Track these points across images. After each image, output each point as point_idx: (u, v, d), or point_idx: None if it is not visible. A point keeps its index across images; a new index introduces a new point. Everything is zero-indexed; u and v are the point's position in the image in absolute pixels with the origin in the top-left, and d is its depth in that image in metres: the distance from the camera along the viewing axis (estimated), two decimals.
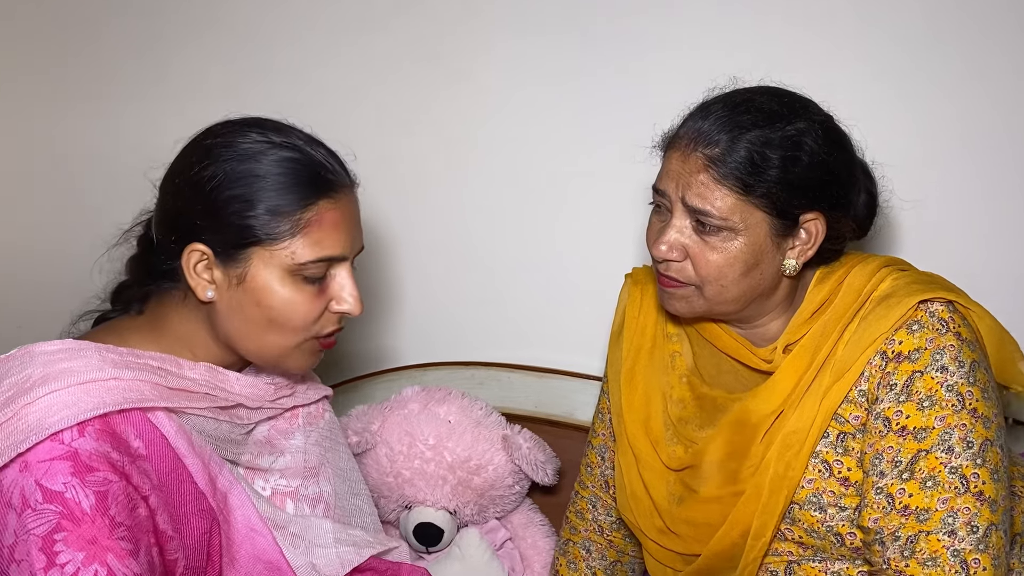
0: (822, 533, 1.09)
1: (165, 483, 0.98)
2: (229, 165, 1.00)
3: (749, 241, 1.07)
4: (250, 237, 1.00)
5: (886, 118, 1.39)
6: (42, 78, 1.90)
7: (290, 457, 1.17)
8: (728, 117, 1.06)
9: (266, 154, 1.01)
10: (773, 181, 1.04)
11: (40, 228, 1.97)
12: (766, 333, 1.16)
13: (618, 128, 1.55)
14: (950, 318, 1.06)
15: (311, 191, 1.01)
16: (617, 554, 1.37)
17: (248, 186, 1.00)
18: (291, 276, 1.01)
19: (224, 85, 1.76)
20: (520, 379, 1.66)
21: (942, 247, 1.41)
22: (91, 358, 0.97)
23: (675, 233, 1.09)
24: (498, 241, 1.69)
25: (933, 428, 1.03)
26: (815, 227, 1.09)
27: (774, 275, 1.10)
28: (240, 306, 1.02)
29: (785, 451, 1.09)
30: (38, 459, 0.90)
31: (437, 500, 1.52)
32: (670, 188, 1.09)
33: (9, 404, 0.92)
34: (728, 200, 1.05)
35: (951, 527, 1.01)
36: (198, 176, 1.01)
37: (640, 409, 1.24)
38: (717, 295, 1.10)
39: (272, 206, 0.99)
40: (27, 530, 0.89)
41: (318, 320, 1.04)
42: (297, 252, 1.00)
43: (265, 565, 1.05)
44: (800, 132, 1.05)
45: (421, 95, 1.68)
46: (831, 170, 1.07)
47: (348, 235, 1.04)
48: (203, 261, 1.01)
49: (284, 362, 1.06)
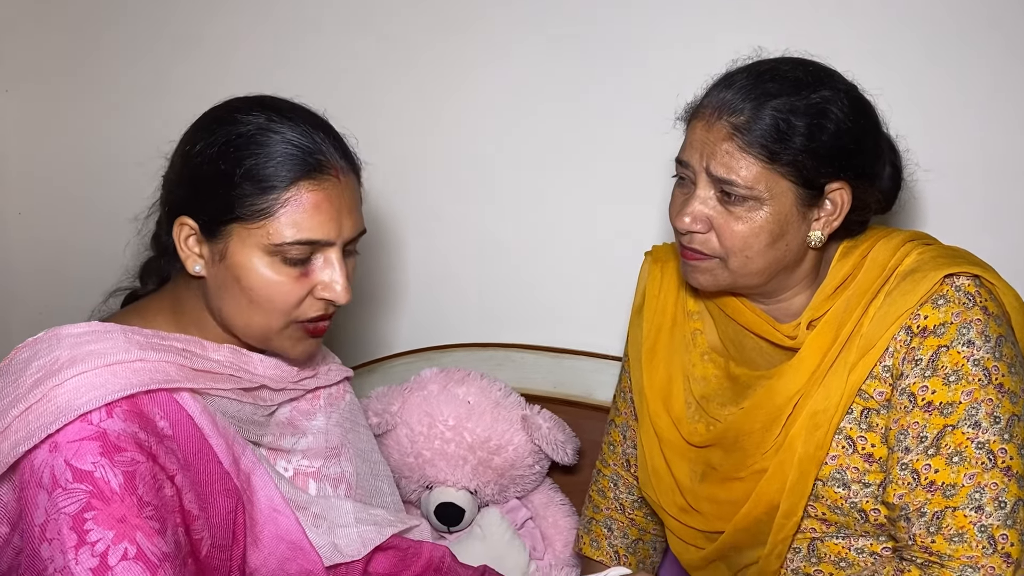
0: (846, 510, 1.09)
1: (191, 463, 0.99)
2: (219, 140, 1.00)
3: (775, 211, 1.06)
4: (229, 213, 1.00)
5: (909, 89, 1.38)
6: (63, 77, 1.91)
7: (312, 438, 1.18)
8: (753, 85, 1.05)
9: (261, 133, 1.01)
10: (799, 149, 1.03)
11: (59, 222, 1.99)
12: (790, 308, 1.15)
13: (637, 106, 1.54)
14: (976, 292, 1.05)
15: (294, 172, 1.00)
16: (639, 532, 1.37)
17: (233, 162, 0.99)
18: (270, 256, 1.00)
19: (245, 72, 1.77)
20: (538, 360, 1.66)
21: (966, 221, 1.40)
22: (117, 340, 0.98)
23: (699, 204, 1.08)
24: (516, 222, 1.69)
25: (959, 403, 1.02)
26: (841, 197, 1.07)
27: (799, 247, 1.09)
28: (223, 283, 1.02)
29: (814, 431, 1.08)
30: (67, 439, 0.91)
31: (458, 480, 1.52)
32: (694, 159, 1.08)
33: (38, 386, 0.93)
34: (754, 169, 1.04)
35: (978, 503, 1.01)
36: (190, 151, 1.02)
37: (661, 387, 1.23)
38: (742, 267, 1.08)
39: (254, 184, 0.99)
40: (58, 509, 0.90)
41: (300, 304, 1.03)
42: (273, 232, 0.99)
43: (288, 545, 1.06)
44: (825, 100, 1.04)
45: (439, 76, 1.67)
46: (857, 138, 1.06)
47: (333, 219, 1.01)
48: (192, 235, 1.03)
49: (271, 344, 1.07)
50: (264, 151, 1.00)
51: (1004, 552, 0.99)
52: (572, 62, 1.59)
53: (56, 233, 1.99)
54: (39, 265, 2.02)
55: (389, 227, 1.75)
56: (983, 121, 1.40)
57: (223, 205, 1.00)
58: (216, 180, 1.00)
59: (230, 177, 0.99)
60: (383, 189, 1.74)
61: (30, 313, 2.01)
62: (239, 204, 1.00)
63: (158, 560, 0.91)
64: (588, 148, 1.61)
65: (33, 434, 0.91)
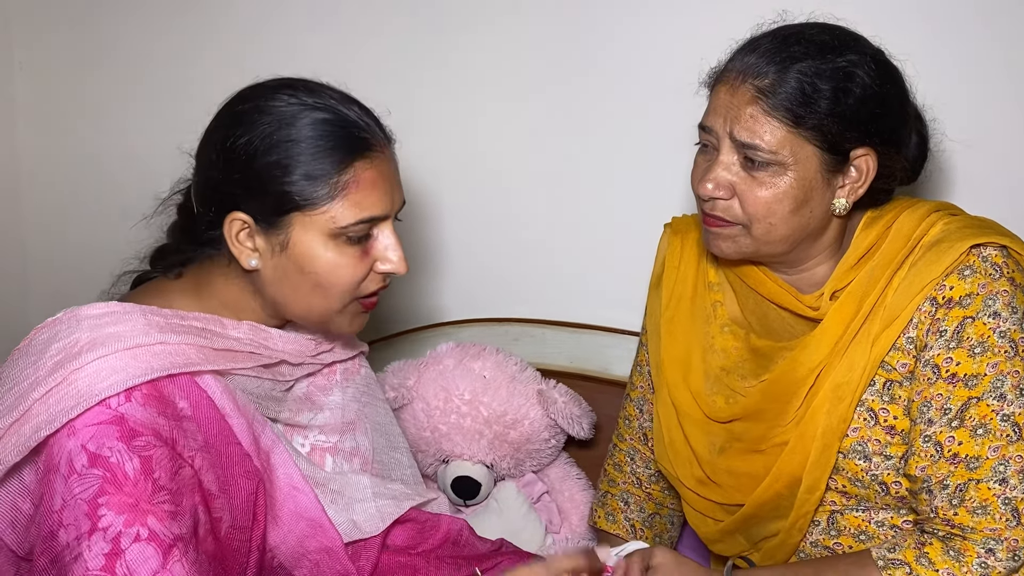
0: (866, 482, 1.08)
1: (211, 444, 0.99)
2: (263, 131, 0.99)
3: (799, 177, 1.04)
4: (289, 204, 0.99)
5: (936, 57, 1.35)
6: (80, 65, 1.91)
7: (328, 413, 1.18)
8: (778, 49, 1.04)
9: (299, 117, 1.00)
10: (824, 113, 1.02)
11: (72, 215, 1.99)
12: (812, 278, 1.14)
13: (658, 76, 1.52)
14: (1004, 263, 1.04)
15: (347, 153, 1.00)
16: (656, 506, 1.37)
17: (284, 152, 0.99)
18: (334, 239, 1.00)
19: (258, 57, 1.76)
20: (555, 335, 1.66)
21: (994, 192, 1.38)
22: (137, 322, 0.97)
23: (722, 170, 1.07)
24: (532, 198, 1.68)
25: (984, 375, 1.01)
26: (866, 163, 1.06)
27: (823, 214, 1.08)
28: (285, 273, 1.02)
29: (837, 404, 1.07)
30: (85, 424, 0.91)
31: (474, 454, 1.52)
32: (717, 124, 1.07)
33: (58, 369, 0.93)
34: (778, 133, 1.03)
35: (1002, 475, 1.00)
36: (232, 145, 1.00)
37: (680, 359, 1.23)
38: (765, 234, 1.07)
39: (309, 171, 0.98)
40: (73, 495, 0.90)
41: (363, 281, 1.04)
42: (337, 215, 0.99)
43: (308, 523, 1.06)
44: (852, 64, 1.03)
45: (459, 49, 1.66)
46: (883, 103, 1.05)
47: (387, 193, 1.03)
48: (244, 230, 1.01)
49: (330, 325, 1.07)
50: (312, 135, 0.99)
51: None
52: (594, 29, 1.57)
53: (71, 212, 1.99)
54: (54, 244, 2.02)
55: (408, 204, 1.73)
56: (1014, 90, 1.37)
57: (281, 198, 0.99)
58: (270, 173, 0.99)
59: (285, 168, 0.98)
60: (401, 166, 1.73)
61: (44, 293, 2.01)
62: (299, 194, 0.99)
63: (171, 541, 0.91)
64: (607, 120, 1.60)
65: (54, 419, 0.91)
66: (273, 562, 1.07)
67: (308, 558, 1.07)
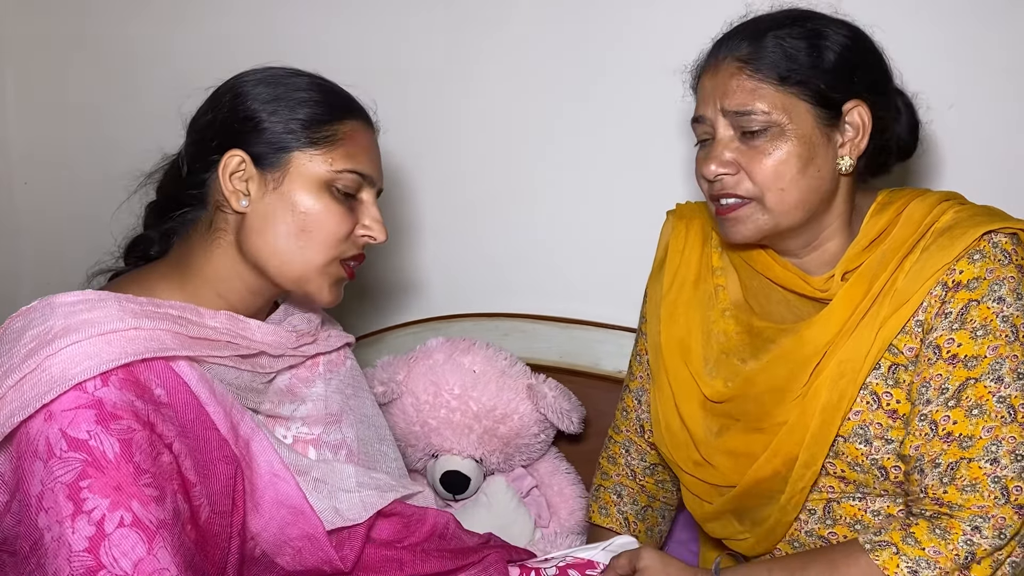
0: (866, 467, 1.09)
1: (188, 430, 0.98)
2: (269, 78, 1.08)
3: (798, 136, 1.06)
4: (291, 140, 1.04)
5: (927, 49, 1.37)
6: (67, 47, 1.90)
7: (311, 405, 1.18)
8: (747, 27, 1.10)
9: (303, 76, 1.09)
10: (808, 66, 1.06)
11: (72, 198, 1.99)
12: (822, 256, 1.14)
13: (649, 81, 1.53)
14: (1013, 250, 1.05)
15: (346, 110, 1.09)
16: (648, 499, 1.37)
17: (290, 96, 1.06)
18: (326, 189, 1.05)
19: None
20: (545, 330, 1.66)
21: (983, 176, 1.39)
22: (111, 308, 0.97)
23: (722, 148, 1.09)
24: (525, 193, 1.68)
25: (984, 357, 1.02)
26: (860, 116, 1.08)
27: (831, 174, 1.09)
28: (274, 213, 1.04)
29: (839, 379, 1.08)
30: (62, 408, 0.91)
31: (463, 449, 1.52)
32: (708, 109, 1.10)
33: (32, 355, 0.92)
34: (767, 95, 1.06)
35: (994, 455, 1.01)
36: (239, 89, 1.06)
37: (680, 341, 1.23)
38: (779, 202, 1.08)
39: (313, 114, 1.06)
40: (54, 478, 0.90)
41: (346, 240, 1.07)
42: (336, 159, 1.06)
43: (288, 510, 1.06)
44: (821, 24, 1.08)
45: (447, 40, 1.67)
46: (862, 56, 1.08)
47: (376, 163, 1.11)
48: (239, 172, 1.05)
49: (308, 286, 1.07)
50: (316, 90, 1.08)
51: (1017, 503, 0.99)
52: (587, 21, 1.58)
53: (61, 204, 1.98)
54: (44, 236, 2.01)
55: (398, 197, 1.74)
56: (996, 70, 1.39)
57: (286, 132, 1.05)
58: (278, 108, 1.05)
59: (292, 108, 1.05)
60: (392, 161, 1.73)
61: (34, 282, 2.01)
62: (303, 130, 1.05)
63: (155, 527, 0.91)
64: (600, 117, 1.61)
65: (28, 404, 0.90)
66: (255, 551, 1.06)
67: (290, 545, 1.06)
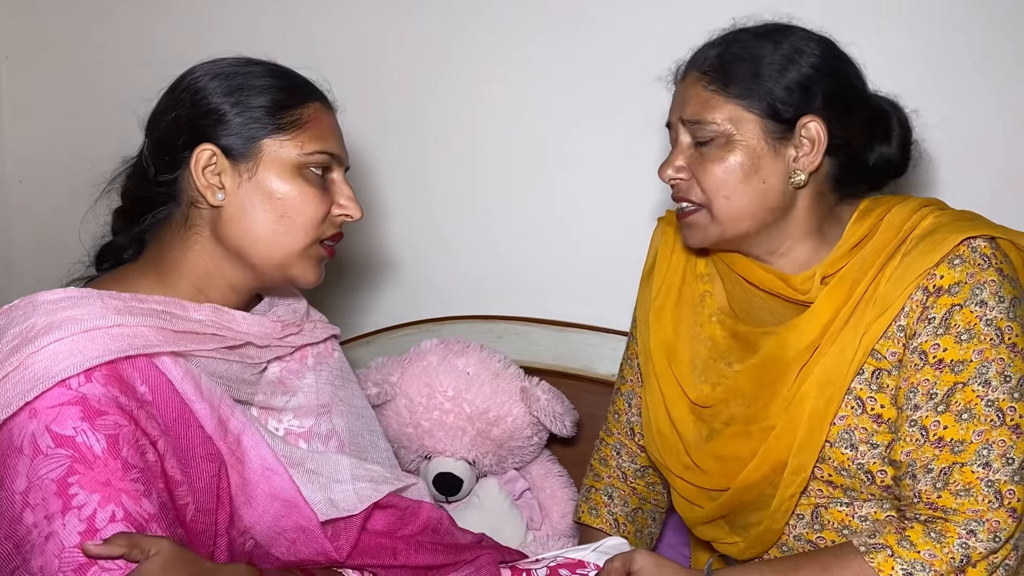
0: (852, 471, 1.09)
1: (172, 428, 0.98)
2: (225, 70, 1.07)
3: (744, 146, 1.09)
4: (259, 130, 1.04)
5: (903, 55, 1.39)
6: (62, 45, 1.90)
7: (302, 396, 1.18)
8: (721, 40, 1.12)
9: (260, 63, 1.09)
10: (763, 79, 1.07)
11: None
12: (792, 264, 1.15)
13: (641, 85, 1.52)
14: (992, 254, 1.06)
15: (306, 94, 1.09)
16: (639, 501, 1.37)
17: (249, 85, 1.06)
18: (299, 172, 1.06)
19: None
20: (539, 332, 1.67)
21: (975, 184, 1.40)
22: (94, 305, 0.97)
23: (678, 154, 1.13)
24: (517, 195, 1.69)
25: (971, 361, 1.03)
26: (815, 131, 1.08)
27: (780, 186, 1.10)
28: (251, 202, 1.04)
29: (826, 385, 1.09)
30: (46, 405, 0.91)
31: (456, 450, 1.52)
32: (673, 116, 1.15)
33: (14, 353, 0.92)
34: (716, 105, 1.09)
35: (986, 459, 1.01)
36: (201, 81, 1.06)
37: (668, 346, 1.24)
38: (725, 210, 1.11)
39: (276, 100, 1.06)
40: (40, 475, 0.89)
41: (324, 221, 1.07)
42: (305, 142, 1.06)
43: (282, 503, 1.06)
44: (793, 40, 1.09)
45: (433, 42, 1.67)
46: (822, 70, 1.08)
47: (339, 141, 1.11)
48: (211, 166, 1.04)
49: (291, 270, 1.08)
50: (275, 76, 1.08)
51: (1010, 507, 1.00)
52: (580, 23, 1.58)
53: (55, 202, 1.98)
54: (38, 233, 2.01)
55: (392, 199, 1.74)
56: (987, 80, 1.40)
57: (254, 120, 1.04)
58: (242, 98, 1.04)
59: (257, 93, 1.05)
60: (386, 162, 1.73)
61: (27, 281, 2.00)
62: (270, 118, 1.05)
63: (145, 521, 0.91)
64: (593, 120, 1.61)
65: (11, 402, 0.90)
66: (246, 544, 1.05)
67: (284, 536, 1.06)
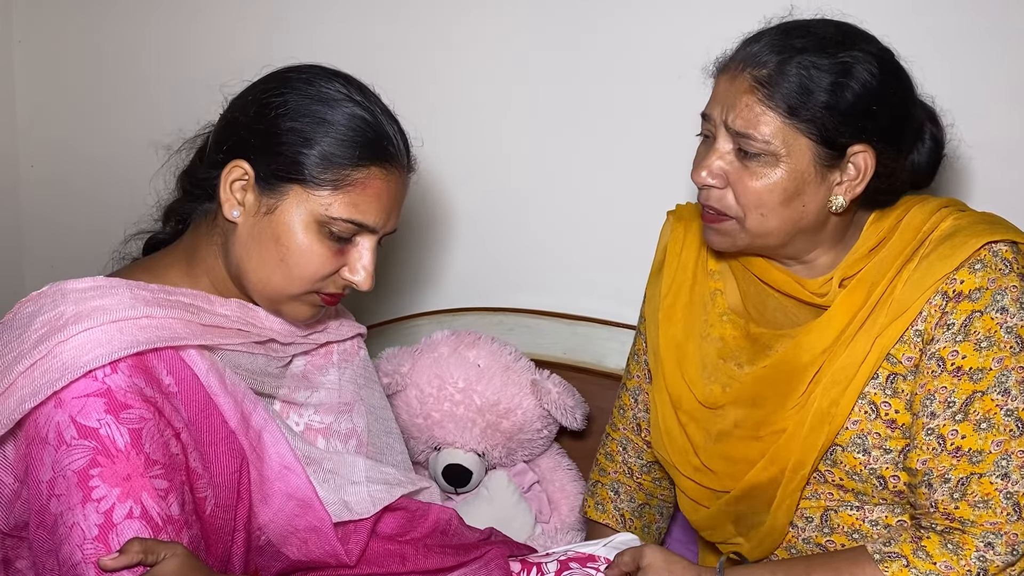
0: (864, 476, 1.08)
1: (195, 421, 0.99)
2: (303, 101, 1.01)
3: (791, 168, 1.05)
4: (295, 173, 1.00)
5: (954, 60, 1.36)
6: (77, 28, 1.89)
7: (325, 393, 1.18)
8: (779, 41, 1.05)
9: (341, 104, 1.02)
10: (820, 106, 1.03)
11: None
12: (812, 270, 1.14)
13: (662, 68, 1.52)
14: (1014, 259, 1.04)
15: (369, 155, 1.02)
16: (646, 496, 1.37)
17: (313, 125, 1.01)
18: (317, 226, 1.01)
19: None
20: (550, 326, 1.66)
21: (1014, 199, 1.37)
22: (123, 296, 0.97)
23: (716, 159, 1.08)
24: (530, 188, 1.68)
25: (990, 369, 1.01)
26: (864, 161, 1.06)
27: (818, 210, 1.08)
28: (260, 236, 1.02)
29: (831, 386, 1.08)
30: (72, 396, 0.91)
31: (466, 442, 1.52)
32: (715, 112, 1.08)
33: (43, 342, 0.93)
34: (772, 124, 1.04)
35: (1004, 470, 1.00)
36: (270, 99, 1.02)
37: (678, 346, 1.23)
38: (758, 226, 1.08)
39: (328, 152, 1.00)
40: (63, 466, 0.90)
41: (327, 278, 1.04)
42: (333, 204, 1.00)
43: (297, 502, 1.06)
44: (854, 59, 1.04)
45: (458, 37, 1.66)
46: (884, 101, 1.05)
47: (385, 211, 1.04)
48: (241, 181, 1.02)
49: (281, 306, 1.06)
50: (345, 124, 1.01)
51: None
52: (595, 19, 1.57)
53: (67, 186, 1.98)
54: (51, 217, 2.01)
55: None
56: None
57: (291, 164, 1.00)
58: (291, 138, 1.00)
59: (308, 140, 1.00)
60: None
61: (41, 265, 2.01)
62: (311, 168, 1.00)
63: (161, 522, 0.92)
64: (607, 113, 1.60)
65: (39, 391, 0.91)
66: (260, 540, 1.06)
67: (297, 536, 1.07)
